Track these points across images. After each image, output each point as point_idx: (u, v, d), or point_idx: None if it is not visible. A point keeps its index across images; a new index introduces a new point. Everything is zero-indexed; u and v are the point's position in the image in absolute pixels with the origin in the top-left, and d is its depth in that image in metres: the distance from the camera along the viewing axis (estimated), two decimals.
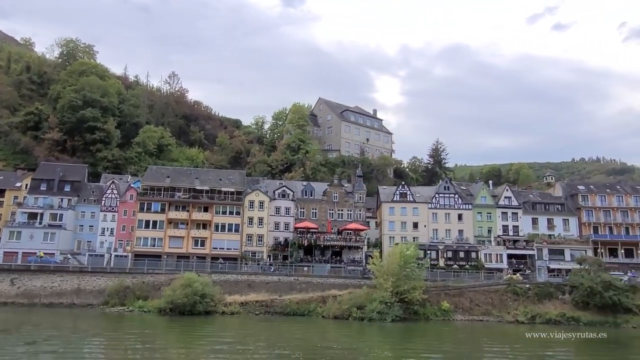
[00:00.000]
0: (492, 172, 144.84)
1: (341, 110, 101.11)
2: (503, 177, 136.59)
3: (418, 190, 75.25)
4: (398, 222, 70.87)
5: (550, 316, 49.04)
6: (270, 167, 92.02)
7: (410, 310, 48.95)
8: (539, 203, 72.19)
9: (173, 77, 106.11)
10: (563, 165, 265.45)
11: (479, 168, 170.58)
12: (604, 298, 48.38)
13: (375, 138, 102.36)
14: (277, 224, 69.02)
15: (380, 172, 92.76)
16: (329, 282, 54.30)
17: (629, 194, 70.96)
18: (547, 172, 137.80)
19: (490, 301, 51.91)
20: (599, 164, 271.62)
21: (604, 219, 69.64)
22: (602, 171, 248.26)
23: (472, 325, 48.83)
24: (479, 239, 69.49)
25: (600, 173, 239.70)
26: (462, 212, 70.63)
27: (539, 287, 53.14)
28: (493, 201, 71.17)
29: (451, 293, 52.34)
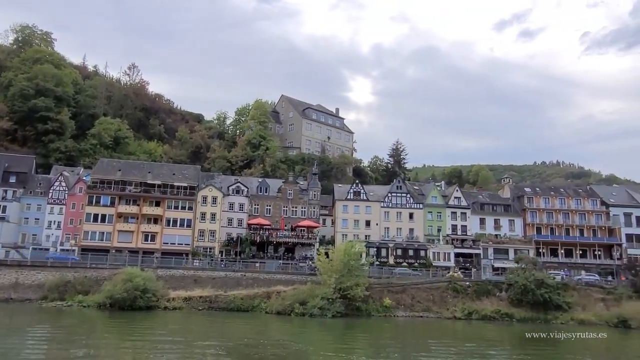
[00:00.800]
0: (453, 173, 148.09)
1: (303, 108, 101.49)
2: (464, 178, 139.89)
3: (372, 189, 76.48)
4: (351, 220, 71.90)
5: (486, 312, 50.79)
6: (230, 163, 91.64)
7: (352, 307, 49.84)
8: (487, 204, 74.54)
9: (133, 68, 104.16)
10: (525, 168, 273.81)
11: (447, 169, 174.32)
12: (536, 295, 50.47)
13: (337, 137, 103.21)
14: (231, 220, 68.93)
15: (340, 171, 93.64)
16: (276, 278, 54.60)
17: (570, 197, 74.07)
18: (505, 175, 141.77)
19: (432, 298, 53.33)
20: (558, 167, 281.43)
21: (547, 220, 72.48)
22: (561, 175, 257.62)
23: (412, 321, 50.14)
24: (429, 237, 71.23)
25: (559, 176, 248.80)
26: (413, 212, 72.21)
27: (478, 285, 54.93)
28: (443, 201, 73.03)
29: (394, 290, 53.50)
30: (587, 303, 52.57)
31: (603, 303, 52.21)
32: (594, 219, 72.48)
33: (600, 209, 72.81)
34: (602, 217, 72.44)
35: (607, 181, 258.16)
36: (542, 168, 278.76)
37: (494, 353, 34.54)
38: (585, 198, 74.03)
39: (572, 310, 51.37)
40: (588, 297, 53.54)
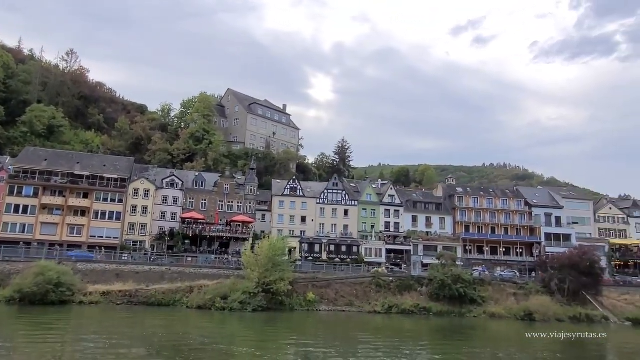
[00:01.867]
0: (401, 172, 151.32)
1: (249, 103, 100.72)
2: (411, 177, 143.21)
3: (310, 185, 77.12)
4: (287, 216, 72.26)
5: (405, 307, 52.43)
6: (171, 156, 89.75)
7: (275, 301, 50.15)
8: (420, 202, 76.82)
9: (71, 54, 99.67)
10: (475, 170, 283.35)
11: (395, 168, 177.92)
12: (452, 290, 52.62)
13: (282, 133, 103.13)
14: (164, 214, 67.62)
15: (283, 167, 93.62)
16: (203, 273, 54.08)
17: (498, 197, 77.55)
18: (449, 175, 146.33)
19: (355, 293, 54.48)
20: (505, 169, 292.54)
21: (475, 219, 75.59)
22: (507, 176, 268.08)
23: (334, 315, 51.02)
24: (363, 234, 72.65)
25: (505, 178, 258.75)
26: (348, 208, 73.40)
27: (401, 281, 56.63)
28: (378, 199, 74.62)
29: (319, 285, 54.26)
30: (500, 297, 55.29)
31: (514, 297, 55.06)
32: (518, 219, 76.26)
33: (524, 209, 76.68)
34: (525, 217, 76.31)
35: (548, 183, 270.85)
36: (490, 170, 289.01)
37: (398, 344, 35.74)
38: (511, 199, 77.71)
39: (486, 304, 53.91)
40: (502, 291, 56.32)
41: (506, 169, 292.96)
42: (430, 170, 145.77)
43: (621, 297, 56.36)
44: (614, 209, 78.59)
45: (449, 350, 33.43)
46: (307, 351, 30.06)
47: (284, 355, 28.93)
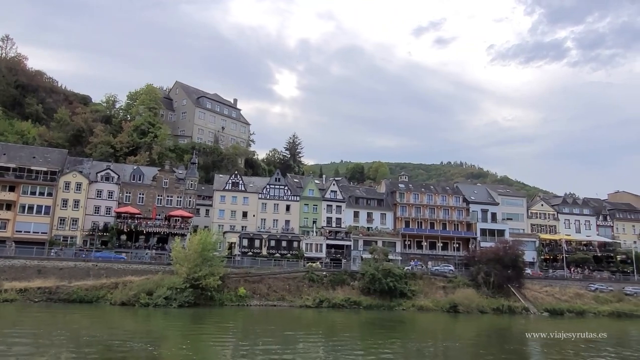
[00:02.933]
0: (356, 169, 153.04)
1: (197, 96, 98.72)
2: (365, 174, 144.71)
3: (253, 180, 76.41)
4: (228, 211, 71.36)
5: (336, 301, 52.77)
6: (113, 149, 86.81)
7: (204, 296, 49.39)
8: (363, 198, 77.57)
9: (6, 40, 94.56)
10: (432, 167, 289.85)
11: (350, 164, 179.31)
12: (382, 284, 53.39)
13: (232, 127, 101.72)
14: (98, 208, 65.30)
15: (231, 162, 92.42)
16: (131, 269, 52.63)
17: (438, 194, 79.33)
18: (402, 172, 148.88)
19: (288, 287, 54.41)
20: (461, 167, 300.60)
21: (415, 215, 77.03)
22: (463, 174, 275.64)
23: (264, 310, 50.76)
24: (304, 229, 72.66)
25: (461, 176, 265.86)
26: (290, 204, 73.22)
27: (334, 275, 57.00)
28: (320, 194, 74.80)
29: (251, 280, 53.87)
30: (430, 290, 56.60)
31: (444, 290, 56.50)
32: (456, 215, 78.27)
33: (461, 206, 78.79)
34: (462, 213, 78.42)
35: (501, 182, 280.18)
36: (447, 168, 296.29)
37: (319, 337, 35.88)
38: (451, 195, 79.67)
39: (416, 297, 55.04)
40: (432, 285, 57.66)
41: (462, 167, 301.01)
42: (384, 167, 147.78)
43: (542, 289, 58.84)
44: (545, 205, 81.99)
45: (368, 345, 33.80)
46: (224, 346, 29.83)
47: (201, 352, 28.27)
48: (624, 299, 57.93)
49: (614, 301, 57.06)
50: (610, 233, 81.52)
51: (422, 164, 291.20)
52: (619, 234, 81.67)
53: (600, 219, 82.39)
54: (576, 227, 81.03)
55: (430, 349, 32.14)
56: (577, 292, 58.80)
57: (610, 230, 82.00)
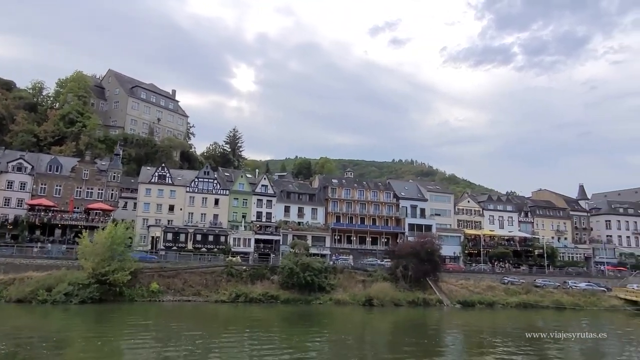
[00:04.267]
0: (303, 164, 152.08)
1: (131, 86, 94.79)
2: (312, 170, 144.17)
3: (181, 173, 74.21)
4: (154, 204, 68.89)
5: (253, 295, 51.91)
6: (37, 138, 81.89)
7: (112, 292, 47.27)
8: (294, 193, 77.05)
9: None
10: (384, 165, 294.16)
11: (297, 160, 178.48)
12: (300, 278, 53.03)
13: (169, 119, 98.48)
14: (8, 200, 61.36)
15: (165, 154, 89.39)
16: (35, 264, 49.57)
17: (369, 190, 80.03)
18: (348, 169, 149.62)
19: (205, 282, 53.02)
20: (412, 165, 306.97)
21: (346, 210, 77.37)
22: (413, 172, 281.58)
23: (178, 305, 49.15)
24: (233, 223, 71.27)
25: (411, 174, 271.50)
26: (219, 197, 71.62)
27: (254, 269, 56.15)
28: (250, 188, 73.62)
29: (166, 274, 52.10)
30: (349, 284, 56.81)
31: (363, 284, 56.84)
32: (386, 210, 79.30)
33: (392, 201, 79.89)
34: (392, 208, 79.56)
35: (448, 180, 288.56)
36: (399, 165, 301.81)
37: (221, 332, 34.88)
38: (382, 191, 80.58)
39: (334, 291, 55.06)
40: (352, 279, 57.92)
41: (413, 165, 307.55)
42: (330, 163, 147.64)
43: (458, 283, 60.48)
44: (471, 202, 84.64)
45: (284, 339, 33.29)
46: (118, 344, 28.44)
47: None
48: (532, 290, 60.51)
49: (522, 293, 59.48)
50: (530, 229, 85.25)
51: (375, 161, 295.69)
52: (539, 230, 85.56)
53: (522, 215, 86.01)
54: (500, 222, 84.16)
55: (348, 342, 32.38)
56: (489, 285, 60.85)
57: (530, 226, 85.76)
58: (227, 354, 27.62)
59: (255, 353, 27.48)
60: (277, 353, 27.61)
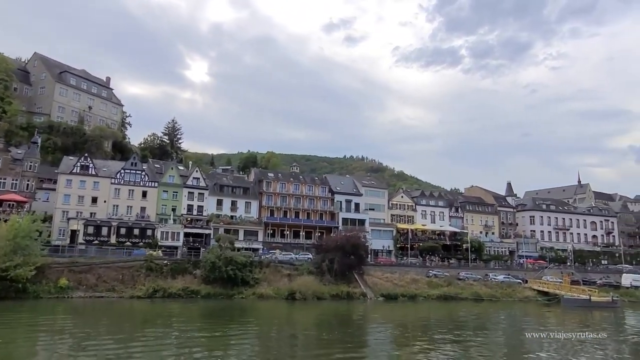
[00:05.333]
0: (249, 158, 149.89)
1: (60, 71, 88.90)
2: (258, 164, 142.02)
3: (107, 164, 70.44)
4: (75, 196, 64.91)
5: (172, 290, 49.92)
6: None
7: (14, 288, 43.79)
8: (227, 186, 75.17)
9: None
10: (336, 161, 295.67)
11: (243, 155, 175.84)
12: (222, 272, 51.57)
13: (101, 107, 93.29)
14: None
15: (95, 144, 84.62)
16: None
17: (304, 184, 79.48)
18: (294, 163, 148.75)
19: (121, 277, 50.44)
20: (362, 162, 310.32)
21: (280, 204, 76.45)
22: (364, 168, 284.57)
23: (90, 302, 46.36)
24: (162, 217, 68.56)
25: (361, 170, 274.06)
26: (147, 190, 68.58)
27: (176, 264, 54.14)
28: (181, 181, 71.06)
29: (78, 270, 49.08)
30: (274, 279, 55.93)
31: (288, 278, 56.13)
32: (321, 204, 79.07)
33: (327, 196, 79.78)
34: (327, 203, 79.46)
35: (397, 176, 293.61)
36: (350, 161, 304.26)
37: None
38: (317, 185, 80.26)
39: (258, 286, 53.97)
40: (278, 273, 57.08)
41: (364, 162, 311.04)
42: (276, 158, 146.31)
43: (383, 276, 61.13)
44: (405, 197, 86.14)
45: (206, 334, 31.65)
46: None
47: None
48: (453, 283, 62.20)
49: (444, 285, 60.99)
50: (460, 224, 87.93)
51: (327, 157, 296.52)
52: (468, 225, 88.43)
53: (453, 210, 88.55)
54: (432, 217, 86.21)
55: (272, 336, 31.95)
56: (414, 278, 61.94)
57: (461, 221, 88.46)
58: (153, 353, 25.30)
59: (184, 351, 25.78)
60: (197, 352, 25.79)
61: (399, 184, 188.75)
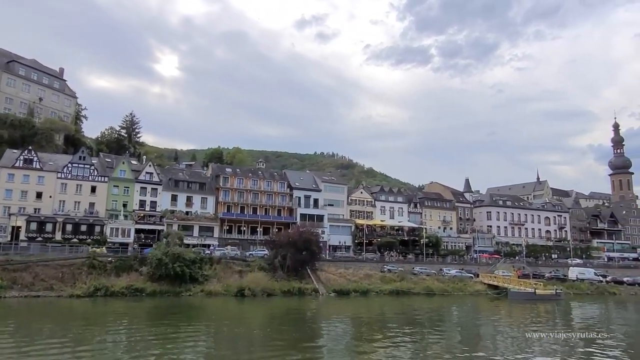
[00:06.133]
0: (214, 154, 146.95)
1: (7, 60, 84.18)
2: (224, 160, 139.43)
3: (54, 158, 67.25)
4: (17, 191, 61.66)
5: (115, 289, 47.81)
6: None
7: None
8: (183, 181, 73.09)
9: None
10: (307, 157, 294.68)
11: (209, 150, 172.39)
12: (169, 269, 49.82)
13: (53, 99, 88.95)
14: None
15: (45, 137, 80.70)
16: None
17: (263, 179, 78.14)
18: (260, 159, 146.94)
19: (61, 276, 48.00)
20: (333, 158, 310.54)
21: (238, 199, 74.88)
22: (334, 165, 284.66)
23: (25, 302, 43.79)
24: (112, 212, 65.99)
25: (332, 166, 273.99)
26: (96, 185, 65.86)
27: (121, 261, 52.02)
28: (133, 175, 68.55)
29: (13, 268, 46.37)
30: (225, 275, 54.50)
31: (239, 275, 54.82)
32: (279, 200, 77.96)
33: (285, 191, 78.71)
34: (286, 199, 78.42)
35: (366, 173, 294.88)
36: (320, 158, 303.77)
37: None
38: (277, 181, 79.08)
39: (208, 283, 52.45)
40: (229, 269, 55.68)
41: (334, 158, 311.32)
42: (241, 153, 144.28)
43: (337, 272, 60.60)
44: (364, 193, 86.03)
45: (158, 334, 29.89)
46: None
47: None
48: (406, 278, 62.27)
49: (397, 280, 60.99)
50: (419, 219, 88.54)
51: (298, 153, 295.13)
52: (426, 220, 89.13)
53: (412, 206, 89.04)
54: (390, 213, 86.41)
55: (224, 334, 30.61)
56: (367, 274, 61.69)
57: (419, 216, 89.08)
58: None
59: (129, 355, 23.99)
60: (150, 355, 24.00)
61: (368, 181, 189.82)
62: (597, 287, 69.48)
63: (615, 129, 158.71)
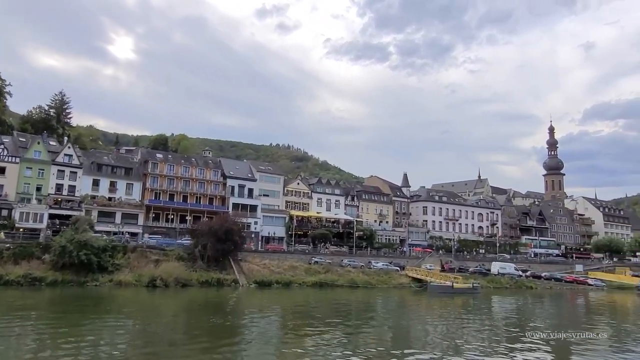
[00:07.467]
0: (159, 140, 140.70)
1: None
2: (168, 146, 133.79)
3: None
4: None
5: (10, 277, 43.70)
6: None
7: None
8: (107, 165, 68.68)
9: None
10: (262, 148, 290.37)
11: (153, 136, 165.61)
12: (73, 257, 46.18)
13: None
14: None
15: None
16: None
17: (196, 166, 74.89)
18: (206, 147, 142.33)
19: None
20: (288, 150, 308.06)
21: (167, 186, 71.35)
22: (289, 157, 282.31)
23: None
24: (24, 196, 60.90)
25: (287, 158, 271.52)
26: (6, 165, 60.48)
27: (21, 247, 47.78)
28: (50, 157, 63.53)
29: None
30: (139, 265, 51.35)
31: (155, 264, 51.83)
32: (212, 188, 75.04)
33: (219, 180, 75.86)
34: (219, 187, 75.60)
35: (320, 166, 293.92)
36: (276, 149, 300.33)
37: None
38: (209, 169, 76.04)
39: (120, 272, 49.17)
40: (145, 258, 52.52)
41: (290, 150, 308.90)
42: (186, 140, 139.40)
43: (261, 263, 58.84)
44: (301, 184, 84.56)
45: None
46: None
47: None
48: (332, 270, 61.50)
49: (322, 272, 60.06)
50: (356, 212, 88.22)
51: (253, 144, 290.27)
52: (363, 213, 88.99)
53: (349, 199, 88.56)
54: (327, 205, 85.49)
55: (137, 327, 28.53)
56: (292, 265, 60.33)
57: (356, 209, 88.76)
58: None
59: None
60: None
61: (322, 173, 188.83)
62: (516, 282, 71.73)
63: (550, 132, 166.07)
